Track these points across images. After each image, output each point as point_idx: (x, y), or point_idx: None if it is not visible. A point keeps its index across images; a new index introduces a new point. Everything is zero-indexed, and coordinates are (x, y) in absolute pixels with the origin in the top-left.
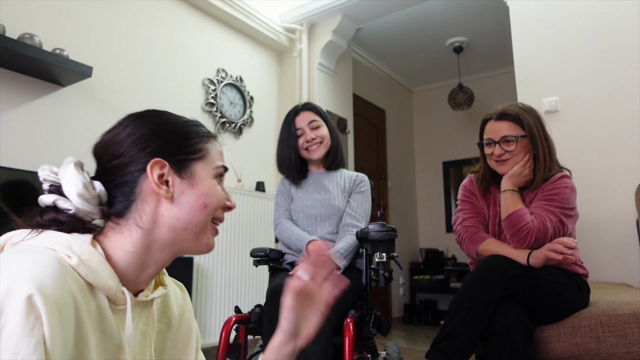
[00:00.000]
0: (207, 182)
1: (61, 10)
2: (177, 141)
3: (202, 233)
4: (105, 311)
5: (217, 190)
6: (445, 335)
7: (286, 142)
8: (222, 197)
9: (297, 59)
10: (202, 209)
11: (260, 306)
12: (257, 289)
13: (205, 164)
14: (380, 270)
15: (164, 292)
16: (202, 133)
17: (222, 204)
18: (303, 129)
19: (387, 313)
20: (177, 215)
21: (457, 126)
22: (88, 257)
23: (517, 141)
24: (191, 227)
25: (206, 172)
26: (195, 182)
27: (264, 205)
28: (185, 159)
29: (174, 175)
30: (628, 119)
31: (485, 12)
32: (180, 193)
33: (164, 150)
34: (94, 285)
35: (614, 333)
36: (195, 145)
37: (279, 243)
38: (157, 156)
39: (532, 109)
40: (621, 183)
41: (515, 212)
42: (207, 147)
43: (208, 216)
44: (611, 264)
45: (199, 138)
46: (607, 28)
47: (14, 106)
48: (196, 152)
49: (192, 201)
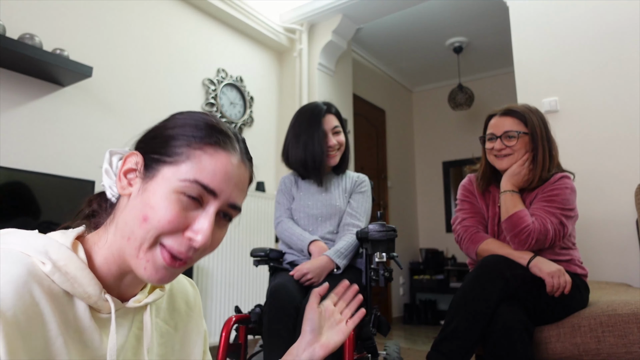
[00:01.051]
0: (161, 193)
1: (61, 11)
2: (163, 139)
3: (140, 252)
4: (84, 321)
5: (168, 208)
6: (446, 336)
7: (317, 141)
8: (170, 219)
9: (297, 59)
10: (142, 222)
11: (260, 306)
12: (257, 289)
13: (173, 171)
14: (380, 270)
15: (160, 295)
16: (198, 136)
17: (169, 228)
18: (327, 133)
19: (387, 313)
20: (125, 218)
21: (457, 126)
22: (65, 262)
23: (519, 137)
24: (132, 239)
25: (169, 180)
26: (149, 186)
27: (264, 205)
28: (157, 158)
29: (142, 174)
30: (628, 119)
31: (485, 12)
32: (136, 195)
33: (147, 145)
34: (72, 294)
35: (613, 333)
36: (175, 148)
37: (279, 242)
38: (138, 149)
39: (537, 111)
40: (621, 183)
41: (516, 214)
42: (189, 153)
43: (147, 234)
44: (611, 264)
45: (187, 140)
46: (607, 28)
47: (14, 106)
48: (171, 155)
49: (138, 208)
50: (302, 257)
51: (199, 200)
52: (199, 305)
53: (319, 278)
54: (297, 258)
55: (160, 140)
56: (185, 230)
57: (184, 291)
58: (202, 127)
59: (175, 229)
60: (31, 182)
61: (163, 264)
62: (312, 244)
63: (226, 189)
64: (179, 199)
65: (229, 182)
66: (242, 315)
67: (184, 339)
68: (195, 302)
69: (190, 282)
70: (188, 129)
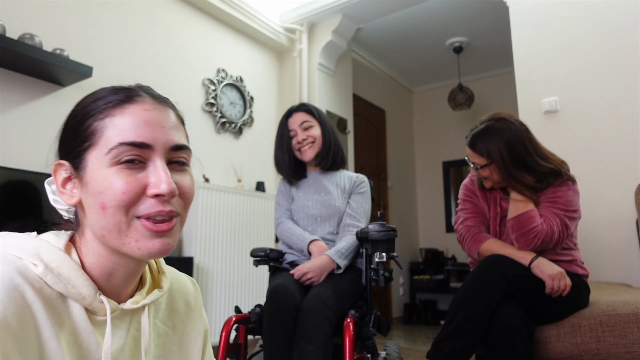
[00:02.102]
0: (98, 176)
1: (61, 11)
2: (70, 131)
3: (124, 237)
4: (80, 323)
5: (114, 182)
6: (446, 335)
7: (280, 144)
8: (122, 190)
9: (297, 59)
10: (102, 211)
11: (260, 306)
12: (257, 289)
13: (98, 150)
14: (380, 270)
15: (159, 295)
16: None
17: (128, 197)
18: (295, 130)
19: (387, 313)
20: (90, 221)
21: (457, 126)
22: (58, 264)
23: (482, 169)
24: (107, 233)
25: (99, 161)
26: (86, 179)
27: (264, 205)
28: (77, 151)
29: (76, 175)
30: (628, 119)
31: (485, 12)
32: (84, 195)
33: (63, 148)
34: (65, 295)
35: (613, 333)
36: (86, 130)
37: (279, 243)
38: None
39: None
40: (621, 183)
41: (527, 213)
42: (100, 126)
43: (114, 217)
44: (611, 264)
45: (91, 118)
46: (607, 28)
47: (14, 106)
48: (86, 139)
49: (92, 204)
50: (302, 257)
51: (139, 161)
52: (199, 305)
53: (319, 278)
54: (297, 258)
55: (70, 134)
56: (146, 191)
57: (184, 291)
58: (99, 97)
59: (135, 196)
60: (31, 182)
61: (150, 233)
62: (312, 243)
63: (157, 135)
64: (118, 170)
65: (155, 127)
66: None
67: (183, 340)
68: (196, 302)
69: (192, 281)
70: (87, 108)
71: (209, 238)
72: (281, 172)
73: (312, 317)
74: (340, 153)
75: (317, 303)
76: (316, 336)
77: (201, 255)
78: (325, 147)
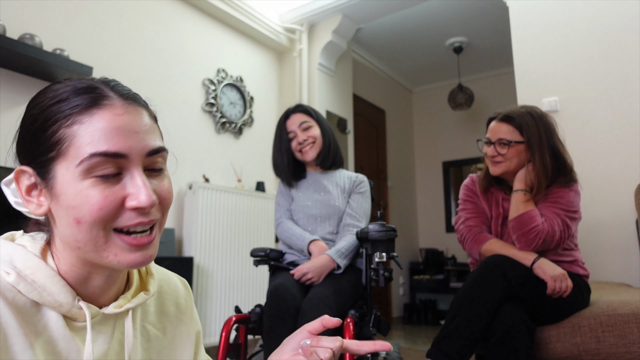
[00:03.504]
0: (71, 189)
1: (61, 11)
2: (33, 136)
3: (102, 251)
4: (57, 331)
5: (89, 197)
6: (446, 334)
7: (279, 147)
8: (99, 206)
9: (297, 59)
10: (77, 225)
11: (260, 306)
12: (257, 289)
13: (67, 161)
14: (380, 270)
15: (144, 299)
16: (64, 111)
17: (105, 213)
18: (295, 132)
19: (387, 313)
20: (61, 232)
21: (457, 126)
22: (32, 271)
23: (511, 146)
24: (83, 246)
25: (70, 173)
26: (56, 191)
27: (264, 205)
28: (42, 160)
29: (42, 184)
30: (628, 119)
31: (485, 12)
32: (54, 206)
33: (25, 153)
34: (40, 304)
35: (613, 333)
36: (50, 137)
37: (279, 243)
38: (21, 163)
39: (542, 116)
40: (621, 183)
41: (527, 213)
42: (67, 133)
43: (91, 232)
44: (611, 264)
45: (56, 125)
46: (607, 28)
47: (14, 106)
48: (52, 148)
49: (64, 216)
50: (302, 257)
51: (114, 173)
52: (191, 307)
53: (319, 278)
54: (297, 258)
55: (31, 141)
56: (124, 203)
57: (175, 293)
58: (61, 98)
59: (112, 210)
60: None
61: (128, 247)
62: (312, 243)
63: (132, 143)
64: (93, 182)
65: (128, 134)
66: (242, 315)
67: (173, 343)
68: (187, 304)
69: (183, 282)
70: (49, 112)
71: (209, 238)
72: (279, 175)
73: (312, 317)
74: (339, 152)
75: (317, 303)
76: None
77: (201, 255)
78: (326, 146)
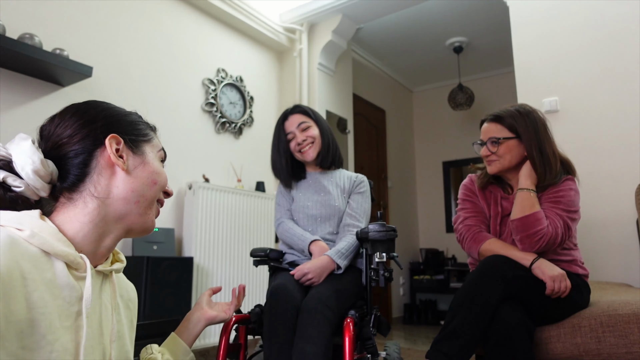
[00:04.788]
0: (156, 162)
1: (61, 10)
2: (127, 123)
3: (149, 209)
4: (63, 278)
5: (163, 171)
6: (446, 335)
7: (277, 148)
8: (166, 178)
9: (297, 59)
10: (153, 185)
11: (260, 306)
12: (257, 289)
13: (152, 146)
14: (380, 270)
15: (122, 266)
16: (145, 121)
17: (166, 185)
18: (293, 133)
19: (387, 313)
20: (132, 187)
21: (457, 126)
22: (40, 229)
23: (500, 143)
24: (142, 201)
25: (153, 153)
26: (146, 160)
27: (264, 205)
28: (136, 139)
29: (128, 150)
30: (628, 119)
31: (485, 12)
32: (134, 167)
33: (116, 129)
34: (51, 253)
35: (614, 333)
36: (143, 130)
37: (279, 243)
38: (112, 132)
39: (531, 112)
40: (621, 183)
41: (534, 215)
42: (152, 133)
43: (156, 193)
44: (611, 264)
45: (144, 124)
46: (607, 28)
47: (14, 106)
48: (145, 135)
49: (145, 176)
50: (302, 257)
51: None
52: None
53: (320, 278)
54: (297, 258)
55: (127, 125)
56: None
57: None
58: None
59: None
60: None
61: (157, 215)
62: (312, 243)
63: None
64: (162, 165)
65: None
66: (242, 315)
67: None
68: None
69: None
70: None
71: (209, 238)
72: (278, 176)
73: (312, 318)
74: (338, 152)
75: (317, 303)
76: (316, 337)
77: (201, 255)
78: (325, 145)
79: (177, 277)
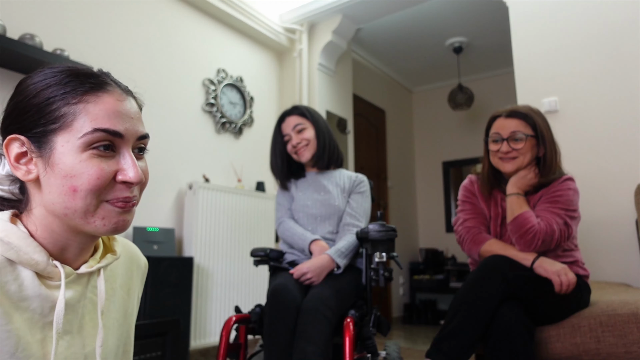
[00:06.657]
0: (70, 160)
1: (61, 11)
2: (35, 109)
3: (90, 217)
4: (33, 288)
5: (88, 167)
6: (446, 335)
7: (274, 149)
8: (96, 176)
9: (297, 59)
10: (73, 194)
11: (260, 306)
12: (257, 289)
13: (69, 134)
14: (380, 270)
15: (113, 259)
16: (71, 90)
17: (100, 184)
18: (289, 134)
19: (387, 313)
20: (50, 200)
21: (457, 126)
22: (6, 234)
23: (526, 140)
24: (71, 213)
25: (70, 144)
26: (54, 160)
27: (264, 205)
28: (42, 131)
29: (36, 153)
30: (628, 119)
31: (485, 12)
32: (45, 174)
33: (21, 124)
34: (16, 262)
35: (613, 333)
36: (55, 112)
37: (280, 242)
38: (13, 132)
39: (540, 112)
40: (621, 183)
41: (522, 215)
42: (73, 110)
43: (85, 200)
44: (611, 264)
45: (62, 101)
46: (607, 28)
47: None
48: (55, 121)
49: (58, 185)
50: (302, 257)
51: (110, 147)
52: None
53: (319, 278)
54: (297, 258)
55: (32, 113)
56: (115, 177)
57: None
58: (68, 80)
59: (106, 182)
60: None
61: (118, 210)
62: (313, 243)
63: (128, 126)
64: (91, 155)
65: (125, 118)
66: (242, 315)
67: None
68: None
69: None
70: (55, 89)
71: (209, 238)
72: (276, 176)
73: (312, 317)
74: (336, 151)
75: (317, 303)
76: (316, 336)
77: (201, 255)
78: (320, 147)
79: (177, 277)
